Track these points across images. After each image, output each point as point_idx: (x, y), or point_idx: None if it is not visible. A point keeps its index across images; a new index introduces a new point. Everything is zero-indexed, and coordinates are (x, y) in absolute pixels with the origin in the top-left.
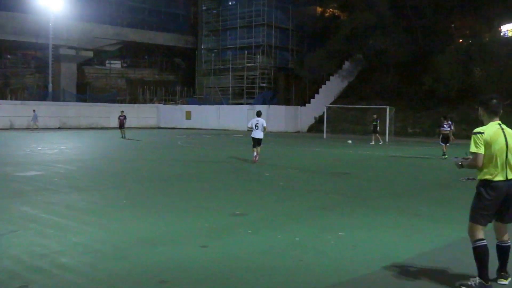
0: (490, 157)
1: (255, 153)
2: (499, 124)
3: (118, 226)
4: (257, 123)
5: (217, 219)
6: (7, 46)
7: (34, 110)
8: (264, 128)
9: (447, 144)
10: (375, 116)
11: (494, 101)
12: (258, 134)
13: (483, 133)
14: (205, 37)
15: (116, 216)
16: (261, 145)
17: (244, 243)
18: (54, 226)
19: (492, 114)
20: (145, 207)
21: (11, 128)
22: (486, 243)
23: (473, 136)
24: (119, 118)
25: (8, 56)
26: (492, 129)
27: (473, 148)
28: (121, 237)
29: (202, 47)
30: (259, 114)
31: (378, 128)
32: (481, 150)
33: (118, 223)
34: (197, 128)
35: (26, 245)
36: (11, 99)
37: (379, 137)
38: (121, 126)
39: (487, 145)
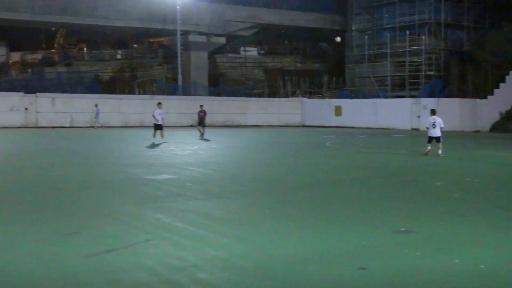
0: None
1: (429, 147)
2: None
3: (260, 239)
4: (435, 122)
5: (377, 236)
6: (133, 34)
7: (96, 105)
8: (440, 128)
9: None
10: None
11: None
12: (436, 133)
13: None
14: (356, 16)
15: (258, 227)
16: (441, 141)
17: (411, 267)
18: (190, 237)
19: None
20: (291, 219)
21: (142, 126)
22: None
23: None
24: (198, 113)
25: (135, 45)
26: None
27: None
28: (265, 253)
29: (353, 28)
30: (434, 112)
31: None
32: None
33: (261, 236)
34: (348, 127)
35: (162, 256)
36: (139, 93)
37: None
38: (201, 123)
39: None
